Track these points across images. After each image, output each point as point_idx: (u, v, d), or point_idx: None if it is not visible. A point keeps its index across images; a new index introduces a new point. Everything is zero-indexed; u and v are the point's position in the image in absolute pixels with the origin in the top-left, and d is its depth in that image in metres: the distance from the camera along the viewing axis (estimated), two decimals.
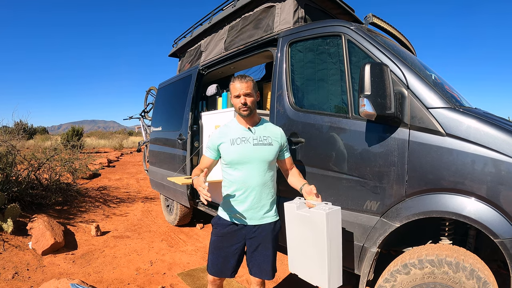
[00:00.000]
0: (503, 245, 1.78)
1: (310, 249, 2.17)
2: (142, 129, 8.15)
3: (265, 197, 2.31)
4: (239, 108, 2.28)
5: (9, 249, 4.04)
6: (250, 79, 2.30)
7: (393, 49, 2.45)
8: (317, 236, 2.09)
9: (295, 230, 2.29)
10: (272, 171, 2.37)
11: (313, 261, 2.17)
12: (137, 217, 6.23)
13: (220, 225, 2.36)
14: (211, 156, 2.36)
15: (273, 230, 2.35)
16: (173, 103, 5.31)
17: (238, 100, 2.27)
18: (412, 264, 1.99)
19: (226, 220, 2.34)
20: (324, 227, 2.02)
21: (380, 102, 2.05)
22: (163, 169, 5.41)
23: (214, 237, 2.38)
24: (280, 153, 2.43)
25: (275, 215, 2.40)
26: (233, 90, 2.29)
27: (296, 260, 2.34)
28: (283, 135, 2.46)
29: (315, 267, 2.16)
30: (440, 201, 2.00)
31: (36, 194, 6.09)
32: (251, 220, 2.30)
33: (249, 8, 3.84)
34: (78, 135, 20.82)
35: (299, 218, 2.23)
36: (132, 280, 3.58)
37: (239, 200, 2.29)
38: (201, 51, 4.92)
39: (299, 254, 2.31)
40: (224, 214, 2.36)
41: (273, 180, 2.39)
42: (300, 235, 2.26)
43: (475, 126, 1.94)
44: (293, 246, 2.36)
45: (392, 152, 2.19)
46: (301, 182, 2.41)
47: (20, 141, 7.06)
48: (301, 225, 2.22)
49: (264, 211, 2.32)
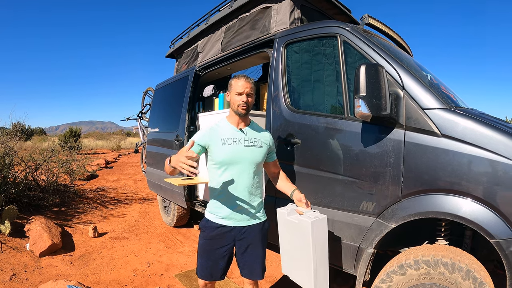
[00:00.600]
0: (499, 246, 1.79)
1: (299, 253, 2.24)
2: (140, 130, 8.14)
3: (253, 198, 2.31)
4: (239, 105, 2.25)
5: (7, 251, 4.03)
6: (253, 81, 2.31)
7: (389, 50, 2.46)
8: (303, 242, 2.15)
9: (286, 234, 2.36)
10: (260, 173, 2.38)
11: (301, 265, 2.23)
12: (134, 218, 6.22)
13: (208, 228, 2.32)
14: (195, 150, 2.20)
15: (261, 230, 2.35)
16: (170, 104, 5.31)
17: (240, 97, 2.24)
18: (408, 264, 2.00)
19: (214, 222, 2.30)
20: (309, 235, 2.08)
21: (375, 103, 2.05)
22: (160, 170, 5.40)
23: (203, 240, 2.35)
24: (268, 155, 2.44)
25: (263, 215, 2.40)
26: (236, 87, 2.26)
27: (288, 262, 2.41)
28: (271, 137, 2.48)
29: (303, 271, 2.22)
30: (436, 202, 2.00)
31: (33, 195, 6.07)
32: (240, 222, 2.28)
33: (245, 9, 3.84)
34: (75, 136, 20.77)
35: (288, 224, 2.29)
36: (129, 281, 3.58)
37: (227, 202, 2.27)
38: (198, 52, 4.92)
39: (290, 257, 2.38)
40: (212, 216, 2.33)
41: (261, 181, 2.40)
42: (290, 239, 2.32)
43: (470, 126, 1.94)
44: (285, 249, 2.42)
45: (388, 153, 2.20)
46: (291, 188, 2.44)
47: (18, 142, 7.03)
48: (290, 231, 2.29)
49: (252, 212, 2.31)
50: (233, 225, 2.28)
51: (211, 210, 2.35)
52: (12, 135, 6.72)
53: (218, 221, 2.29)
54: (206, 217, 2.39)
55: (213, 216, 2.32)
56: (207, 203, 2.46)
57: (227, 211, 2.27)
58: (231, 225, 2.28)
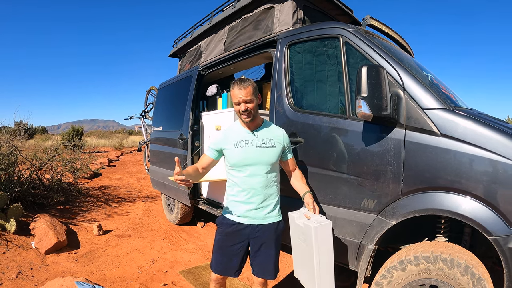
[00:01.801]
0: (497, 242, 1.83)
1: (306, 257, 2.27)
2: (143, 129, 8.19)
3: (268, 198, 2.35)
4: (241, 115, 2.29)
5: (12, 249, 4.08)
6: (249, 83, 2.29)
7: (390, 51, 2.50)
8: (308, 246, 2.19)
9: (296, 238, 2.40)
10: (275, 172, 2.41)
11: (308, 269, 2.26)
12: (138, 216, 6.28)
13: (224, 225, 2.40)
14: (211, 156, 2.39)
15: (276, 230, 2.39)
16: (173, 103, 5.35)
17: (238, 107, 2.27)
18: (408, 260, 2.04)
19: (230, 220, 2.38)
20: (312, 239, 2.12)
21: (376, 104, 2.10)
22: (164, 168, 5.45)
23: (219, 236, 2.42)
24: (282, 154, 2.46)
25: (278, 215, 2.43)
26: (233, 97, 2.28)
27: (298, 266, 2.45)
28: (285, 137, 2.48)
29: (309, 275, 2.25)
30: (435, 199, 2.05)
31: (38, 194, 6.13)
32: (255, 220, 2.34)
33: (248, 9, 3.88)
34: (78, 135, 20.83)
35: (297, 228, 2.34)
36: (134, 278, 3.64)
37: (243, 201, 2.33)
38: (201, 52, 4.96)
39: (300, 261, 2.41)
40: (228, 214, 2.40)
41: (276, 180, 2.43)
42: (299, 243, 2.36)
43: (469, 126, 1.99)
44: (295, 253, 2.46)
45: (389, 152, 2.24)
46: (304, 189, 2.45)
47: (22, 141, 7.08)
48: (298, 234, 2.33)
49: (267, 211, 2.36)
50: (247, 223, 2.34)
51: (228, 208, 2.42)
52: (16, 134, 6.77)
53: (234, 219, 2.37)
54: (222, 214, 2.48)
55: (229, 213, 2.39)
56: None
57: (243, 210, 2.33)
58: (246, 223, 2.35)
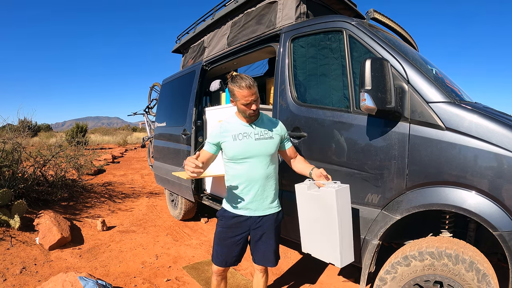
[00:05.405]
0: (502, 238, 1.81)
1: (322, 227, 2.24)
2: (146, 125, 8.19)
3: (268, 189, 2.36)
4: (249, 114, 2.27)
5: (17, 245, 4.10)
6: (254, 84, 2.23)
7: (394, 44, 2.47)
8: (328, 213, 2.15)
9: (307, 210, 2.37)
10: (274, 164, 2.41)
11: (324, 239, 2.24)
12: (142, 212, 6.29)
13: (225, 217, 2.41)
14: (210, 150, 2.35)
15: (276, 220, 2.43)
16: (177, 98, 5.34)
17: (247, 108, 2.24)
18: (412, 256, 2.03)
19: (231, 212, 2.39)
20: (334, 204, 2.09)
21: (380, 97, 2.07)
22: (167, 164, 5.46)
23: (220, 228, 2.44)
24: (281, 144, 2.47)
25: (278, 205, 2.46)
26: (241, 99, 2.21)
27: (308, 239, 2.42)
28: (282, 127, 2.49)
29: (327, 245, 2.23)
30: (440, 194, 2.02)
31: (42, 190, 6.16)
32: (256, 212, 2.36)
33: (251, 3, 3.85)
34: (82, 132, 20.90)
35: (310, 198, 2.29)
36: (138, 273, 3.64)
37: (243, 193, 2.34)
38: (204, 47, 4.94)
39: (311, 233, 2.39)
40: (229, 206, 2.41)
41: (276, 172, 2.43)
42: (311, 214, 2.33)
43: (474, 120, 1.96)
44: (304, 226, 2.43)
45: (393, 146, 2.22)
46: (309, 167, 2.44)
47: (25, 138, 7.10)
48: (312, 205, 2.29)
49: (267, 202, 2.38)
50: (248, 214, 2.36)
51: (228, 200, 2.43)
52: (20, 131, 6.79)
53: (235, 211, 2.38)
54: (223, 207, 2.48)
55: (229, 206, 2.40)
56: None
57: (243, 202, 2.34)
58: (247, 215, 2.36)
